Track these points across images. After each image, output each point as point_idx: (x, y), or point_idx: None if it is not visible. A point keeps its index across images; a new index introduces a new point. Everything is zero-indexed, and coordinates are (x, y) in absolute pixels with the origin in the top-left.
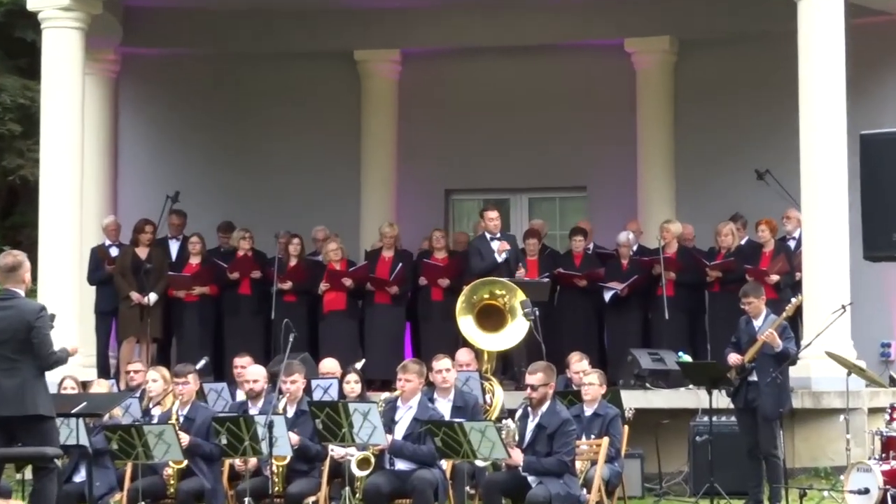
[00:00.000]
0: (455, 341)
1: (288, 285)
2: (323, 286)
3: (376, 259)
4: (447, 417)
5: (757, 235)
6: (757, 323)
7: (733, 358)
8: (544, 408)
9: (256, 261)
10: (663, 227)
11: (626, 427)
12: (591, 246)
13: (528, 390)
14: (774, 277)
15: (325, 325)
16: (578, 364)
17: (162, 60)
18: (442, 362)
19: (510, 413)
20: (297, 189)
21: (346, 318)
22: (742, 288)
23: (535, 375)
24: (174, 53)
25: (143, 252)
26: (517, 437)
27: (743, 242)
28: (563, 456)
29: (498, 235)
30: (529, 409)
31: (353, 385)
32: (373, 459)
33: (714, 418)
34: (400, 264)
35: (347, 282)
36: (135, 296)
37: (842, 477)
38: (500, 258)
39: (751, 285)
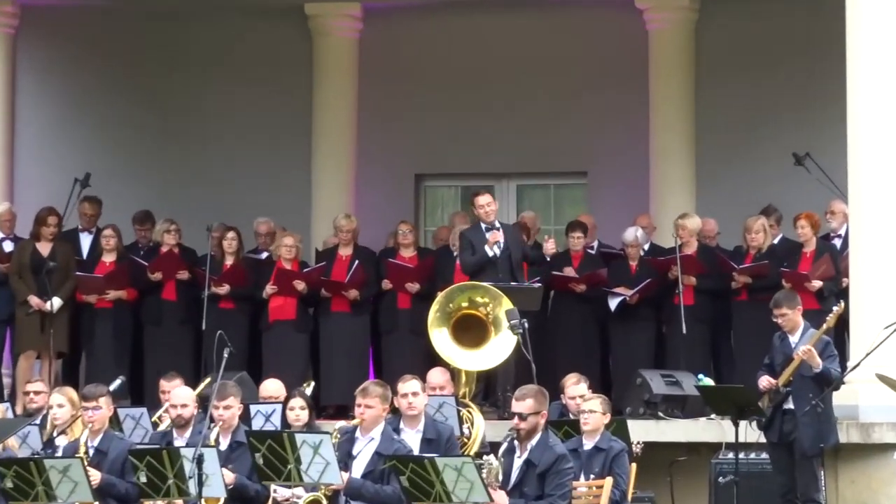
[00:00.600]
0: (426, 359)
1: (224, 289)
2: (269, 289)
3: (332, 259)
4: (416, 452)
5: (795, 233)
6: (793, 339)
7: (765, 381)
8: (534, 441)
9: (184, 259)
10: (679, 222)
11: (634, 465)
12: (593, 244)
13: (515, 420)
14: (816, 283)
15: (269, 338)
16: (576, 388)
17: (71, 14)
18: (409, 385)
19: (493, 447)
20: (235, 172)
21: (296, 329)
22: (774, 297)
23: (524, 402)
24: (86, 5)
25: (45, 247)
26: (501, 477)
27: (776, 241)
28: (556, 500)
29: (497, 226)
30: (516, 442)
31: (298, 412)
32: (325, 502)
33: (741, 455)
34: (357, 262)
35: (300, 285)
36: (34, 300)
37: None
38: (490, 252)
39: (785, 293)
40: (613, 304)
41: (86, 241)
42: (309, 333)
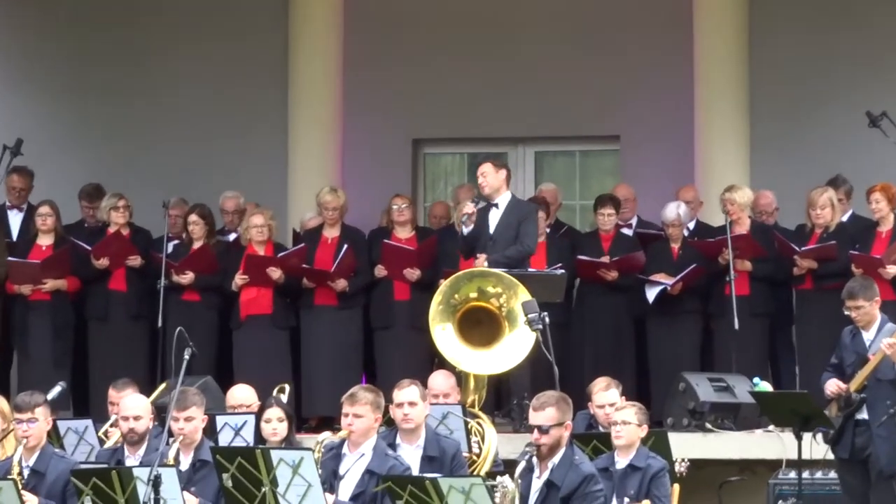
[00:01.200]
0: (428, 361)
1: (188, 277)
2: (239, 279)
3: (315, 242)
4: (415, 471)
5: (868, 208)
6: (867, 336)
7: (833, 386)
8: (556, 459)
9: (136, 242)
10: (727, 195)
11: (677, 486)
12: (631, 221)
13: (534, 434)
14: (892, 269)
15: (241, 337)
16: (606, 394)
17: None
18: (405, 392)
19: (507, 466)
20: (197, 139)
21: (273, 325)
22: (848, 286)
23: (544, 412)
24: None
25: None
26: (518, 502)
27: (846, 218)
28: None
29: (496, 203)
30: (535, 460)
31: (276, 424)
32: None
33: (805, 474)
34: (345, 247)
35: (275, 273)
36: None
37: None
38: (464, 229)
39: (861, 282)
40: (652, 294)
41: (15, 219)
42: (289, 330)
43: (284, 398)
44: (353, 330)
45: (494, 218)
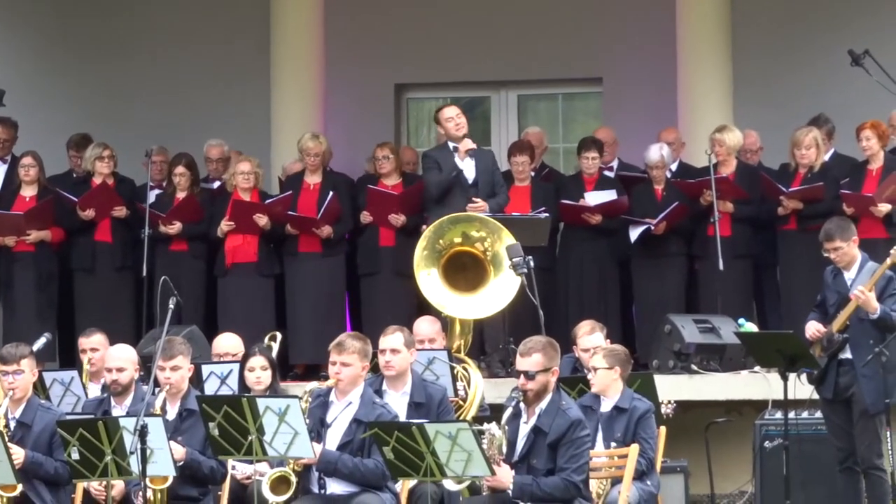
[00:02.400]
0: (413, 306)
1: (175, 228)
2: (224, 226)
3: (297, 188)
4: (402, 417)
5: (858, 146)
6: (849, 275)
7: (813, 330)
8: (543, 404)
9: (120, 191)
10: (717, 136)
11: (664, 428)
12: (614, 164)
13: (521, 379)
14: (884, 207)
15: (227, 285)
16: (590, 338)
17: None
18: (388, 339)
19: (493, 411)
20: (180, 89)
21: (258, 273)
22: (824, 227)
23: (530, 358)
24: None
25: None
26: (505, 449)
27: (828, 158)
28: (571, 474)
29: (470, 147)
30: (522, 406)
31: (259, 373)
32: (294, 480)
33: (791, 415)
34: (331, 193)
35: (262, 219)
36: None
37: None
38: (462, 162)
39: (837, 223)
40: (634, 234)
41: None
42: (274, 278)
43: (276, 347)
44: (337, 277)
45: (469, 164)
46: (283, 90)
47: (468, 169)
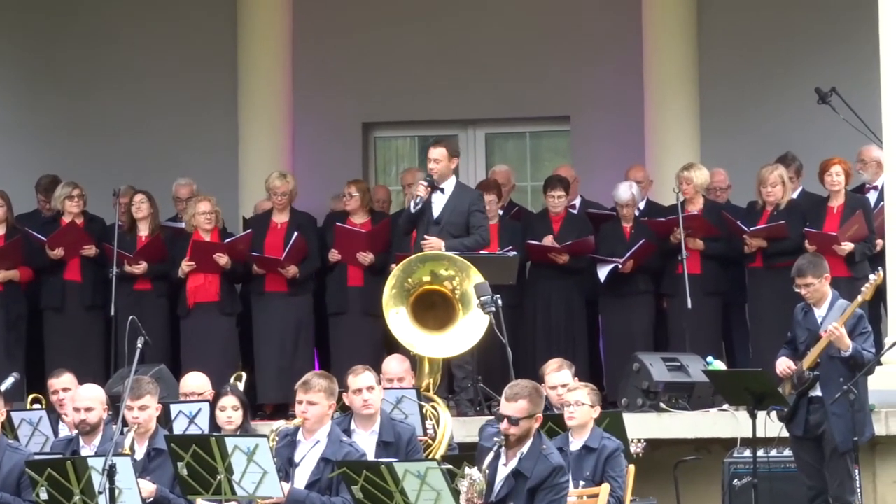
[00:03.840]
0: (381, 346)
1: (141, 267)
2: (185, 266)
3: (264, 227)
4: (371, 457)
5: (826, 182)
6: (819, 312)
7: (783, 366)
8: (525, 448)
9: (91, 230)
10: (685, 174)
11: (632, 467)
12: (576, 203)
13: (504, 423)
14: (846, 246)
15: (189, 325)
16: (558, 375)
17: None
18: (361, 378)
19: (462, 450)
20: (148, 128)
21: (220, 312)
22: (797, 264)
23: (516, 403)
24: None
25: None
26: (484, 492)
27: (796, 195)
28: None
29: (442, 187)
30: (503, 449)
31: (230, 413)
32: None
33: (760, 452)
34: (296, 234)
35: (222, 258)
36: None
37: None
38: (412, 204)
39: (810, 259)
40: (603, 273)
41: None
42: (236, 317)
43: (241, 386)
44: (304, 316)
45: (440, 201)
46: (251, 129)
47: (436, 205)
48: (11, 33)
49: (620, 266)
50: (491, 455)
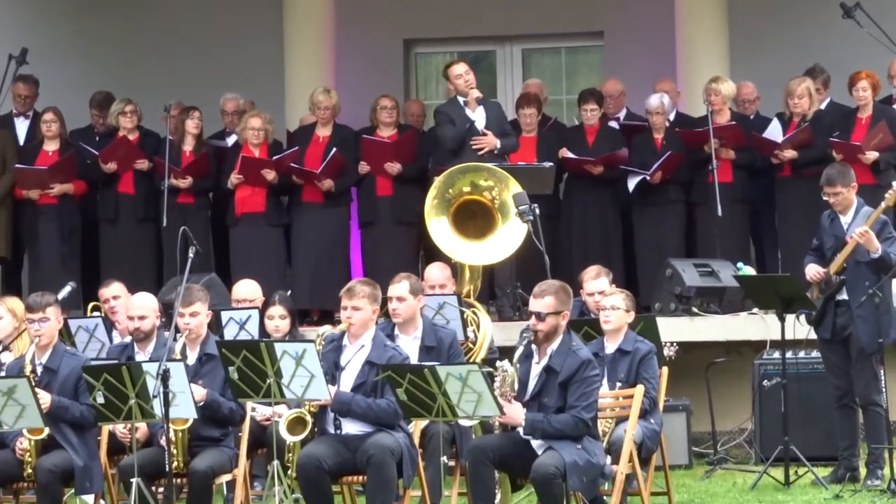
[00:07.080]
0: (414, 253)
1: (187, 182)
2: (234, 178)
3: (307, 140)
4: (414, 361)
5: (850, 96)
6: (845, 219)
7: (813, 271)
8: (555, 345)
9: (145, 145)
10: (712, 86)
11: (666, 369)
12: (621, 115)
13: (532, 319)
14: (871, 155)
15: (237, 234)
16: (595, 282)
17: None
18: (394, 288)
19: (502, 355)
20: (196, 43)
21: (267, 223)
22: (826, 172)
23: (543, 300)
24: None
25: None
26: (517, 386)
27: (824, 106)
28: (581, 412)
29: (477, 96)
30: (534, 347)
31: (278, 322)
32: (310, 420)
33: (789, 354)
34: (334, 149)
35: (270, 174)
36: None
37: None
38: (474, 115)
39: (839, 168)
40: (632, 183)
41: (22, 126)
42: (283, 227)
43: (289, 293)
44: (340, 227)
45: (479, 115)
46: (296, 45)
47: (479, 119)
48: None
49: (648, 177)
50: (521, 349)
